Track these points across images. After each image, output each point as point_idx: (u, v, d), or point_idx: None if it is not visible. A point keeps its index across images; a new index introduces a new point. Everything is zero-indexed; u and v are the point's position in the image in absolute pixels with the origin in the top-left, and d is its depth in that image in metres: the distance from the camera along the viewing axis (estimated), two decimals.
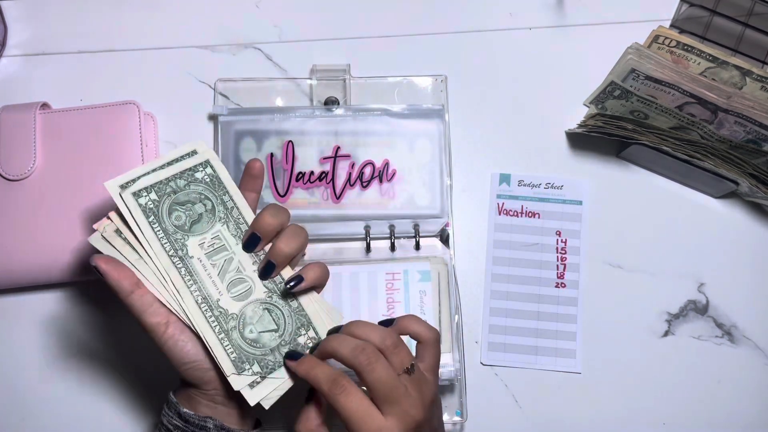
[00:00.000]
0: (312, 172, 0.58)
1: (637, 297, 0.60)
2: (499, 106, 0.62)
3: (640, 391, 0.58)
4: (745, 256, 0.60)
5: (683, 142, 0.55)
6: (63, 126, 0.56)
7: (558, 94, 0.62)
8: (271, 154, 0.58)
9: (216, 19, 0.63)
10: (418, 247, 0.58)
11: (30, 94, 0.60)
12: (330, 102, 0.60)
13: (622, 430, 0.58)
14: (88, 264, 0.42)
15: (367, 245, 0.58)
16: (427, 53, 0.63)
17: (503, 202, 0.61)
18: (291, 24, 0.63)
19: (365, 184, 0.58)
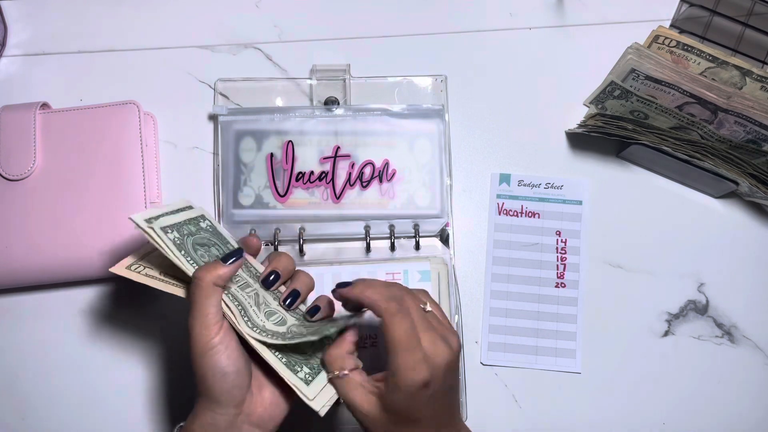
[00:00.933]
0: (312, 172, 0.58)
1: (637, 297, 0.60)
2: (499, 105, 0.62)
3: (640, 391, 0.58)
4: (745, 256, 0.60)
5: (683, 142, 0.55)
6: (63, 126, 0.56)
7: (558, 94, 0.62)
8: (271, 154, 0.58)
9: (216, 19, 0.63)
10: (418, 247, 0.58)
11: (30, 94, 0.60)
12: (330, 102, 0.60)
13: (622, 430, 0.58)
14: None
15: (367, 245, 0.58)
16: (427, 53, 0.63)
17: (503, 202, 0.61)
18: (291, 24, 0.63)
19: (365, 184, 0.58)
